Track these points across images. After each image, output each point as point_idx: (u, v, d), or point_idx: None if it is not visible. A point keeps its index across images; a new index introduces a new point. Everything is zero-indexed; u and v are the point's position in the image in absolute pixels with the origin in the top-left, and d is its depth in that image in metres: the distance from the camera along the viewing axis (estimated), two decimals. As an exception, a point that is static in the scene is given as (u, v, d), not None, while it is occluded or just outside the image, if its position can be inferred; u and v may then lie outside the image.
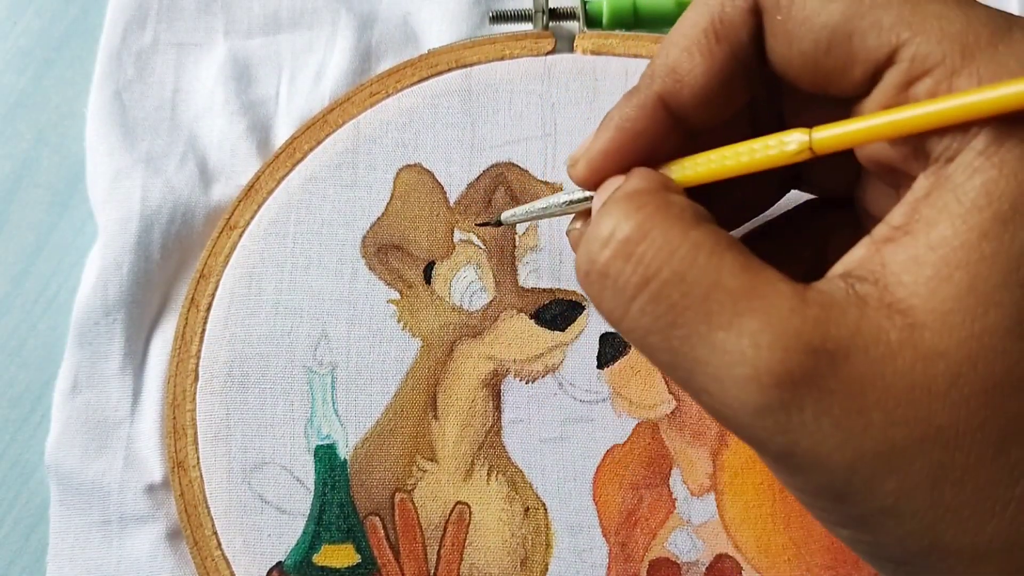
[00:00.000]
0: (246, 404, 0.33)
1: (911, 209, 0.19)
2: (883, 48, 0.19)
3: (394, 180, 0.35)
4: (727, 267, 0.19)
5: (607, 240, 0.20)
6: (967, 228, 0.18)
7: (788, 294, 0.19)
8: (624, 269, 0.20)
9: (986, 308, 0.18)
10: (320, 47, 0.38)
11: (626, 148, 0.23)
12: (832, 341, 0.18)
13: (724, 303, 0.19)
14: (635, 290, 0.20)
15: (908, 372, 0.18)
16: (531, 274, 0.34)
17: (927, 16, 0.19)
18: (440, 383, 0.34)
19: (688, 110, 0.23)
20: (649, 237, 0.20)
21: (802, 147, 0.20)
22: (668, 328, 0.19)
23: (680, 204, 0.21)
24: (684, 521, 0.33)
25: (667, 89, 0.22)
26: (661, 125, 0.23)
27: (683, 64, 0.22)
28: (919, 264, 0.18)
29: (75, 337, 0.34)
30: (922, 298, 0.18)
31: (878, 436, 0.18)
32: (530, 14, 0.37)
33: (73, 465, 0.33)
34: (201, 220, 0.36)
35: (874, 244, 0.19)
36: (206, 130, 0.37)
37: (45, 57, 0.39)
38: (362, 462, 0.33)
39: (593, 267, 0.20)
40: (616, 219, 0.20)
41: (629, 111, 0.23)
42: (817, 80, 0.21)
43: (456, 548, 0.33)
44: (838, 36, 0.20)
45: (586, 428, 0.33)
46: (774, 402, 0.18)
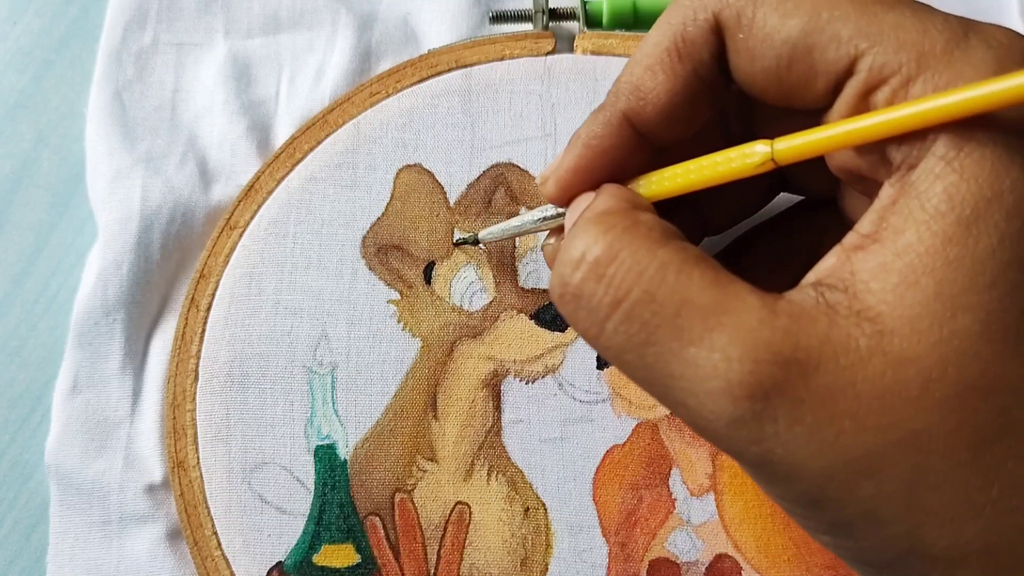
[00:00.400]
0: (246, 404, 0.33)
1: (879, 217, 0.19)
2: (842, 60, 0.20)
3: (394, 180, 0.35)
4: (695, 283, 0.19)
5: (578, 262, 0.21)
6: (931, 234, 0.18)
7: (757, 306, 0.19)
8: (596, 290, 0.20)
9: (953, 312, 0.18)
10: (320, 47, 0.38)
11: (594, 165, 0.24)
12: (802, 351, 0.18)
13: (694, 319, 0.19)
14: (608, 310, 0.20)
15: (878, 378, 0.18)
16: (531, 274, 0.34)
17: (884, 26, 0.19)
18: (440, 383, 0.34)
19: (652, 127, 0.23)
20: (618, 258, 0.20)
21: (764, 158, 0.21)
22: (641, 346, 0.20)
23: (648, 223, 0.21)
24: (684, 521, 0.33)
25: (631, 107, 0.23)
26: (627, 141, 0.23)
27: (646, 83, 0.23)
28: (887, 271, 0.18)
29: (75, 337, 0.34)
30: (890, 305, 0.18)
31: (851, 443, 0.18)
32: (530, 14, 0.37)
33: (73, 465, 0.34)
34: (201, 220, 0.36)
35: (844, 252, 0.20)
36: (206, 130, 0.37)
37: (45, 57, 0.39)
38: (362, 462, 0.33)
39: (567, 289, 0.21)
40: (586, 241, 0.21)
41: (595, 129, 0.24)
42: (781, 94, 0.21)
43: (456, 548, 0.33)
44: (799, 51, 0.20)
45: (586, 428, 0.33)
46: (747, 413, 0.18)
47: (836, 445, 0.18)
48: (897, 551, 0.19)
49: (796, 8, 0.20)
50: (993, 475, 0.18)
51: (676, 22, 0.22)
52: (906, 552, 0.19)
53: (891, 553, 0.19)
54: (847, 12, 0.20)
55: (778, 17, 0.20)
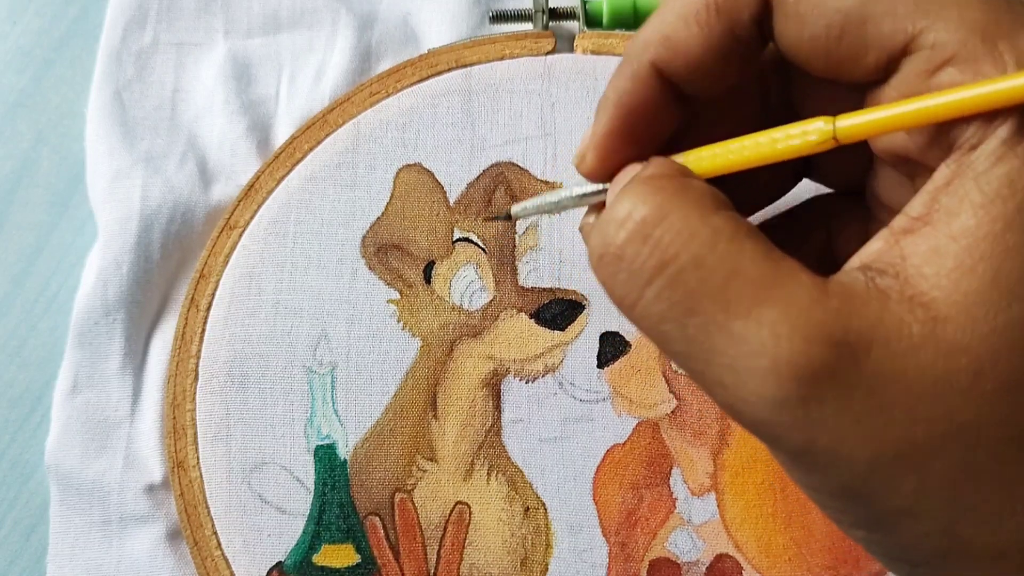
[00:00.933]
0: (246, 404, 0.33)
1: (931, 198, 0.18)
2: (898, 35, 0.19)
3: (394, 180, 0.35)
4: (747, 254, 0.18)
5: (623, 221, 0.19)
6: (990, 219, 0.17)
7: (809, 284, 0.18)
8: (640, 252, 0.19)
9: (1009, 301, 0.17)
10: (320, 47, 0.38)
11: (630, 124, 0.22)
12: (854, 334, 0.17)
13: (744, 291, 0.18)
14: (651, 274, 0.19)
15: (930, 367, 0.17)
16: (531, 273, 0.34)
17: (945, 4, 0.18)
18: (440, 383, 0.34)
19: (682, 79, 0.22)
20: (667, 220, 0.19)
21: (825, 136, 0.20)
22: (684, 315, 0.19)
23: (700, 189, 0.20)
24: (684, 521, 0.33)
25: (660, 57, 0.21)
26: (659, 95, 0.22)
27: (679, 32, 0.21)
28: (940, 255, 0.18)
29: (75, 337, 0.34)
30: (944, 291, 0.17)
31: (900, 433, 0.17)
32: (530, 14, 0.37)
33: (73, 465, 0.33)
34: (201, 220, 0.36)
35: (893, 235, 0.19)
36: (206, 130, 0.37)
37: (45, 57, 0.39)
38: (362, 462, 0.33)
39: (608, 249, 0.20)
40: (633, 201, 0.19)
41: (623, 83, 0.22)
42: (828, 65, 0.20)
43: (456, 548, 0.33)
44: (851, 21, 0.19)
45: (586, 428, 0.33)
46: (793, 396, 0.18)
47: (884, 435, 0.18)
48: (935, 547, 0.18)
49: None
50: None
51: None
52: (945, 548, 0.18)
53: (929, 549, 0.19)
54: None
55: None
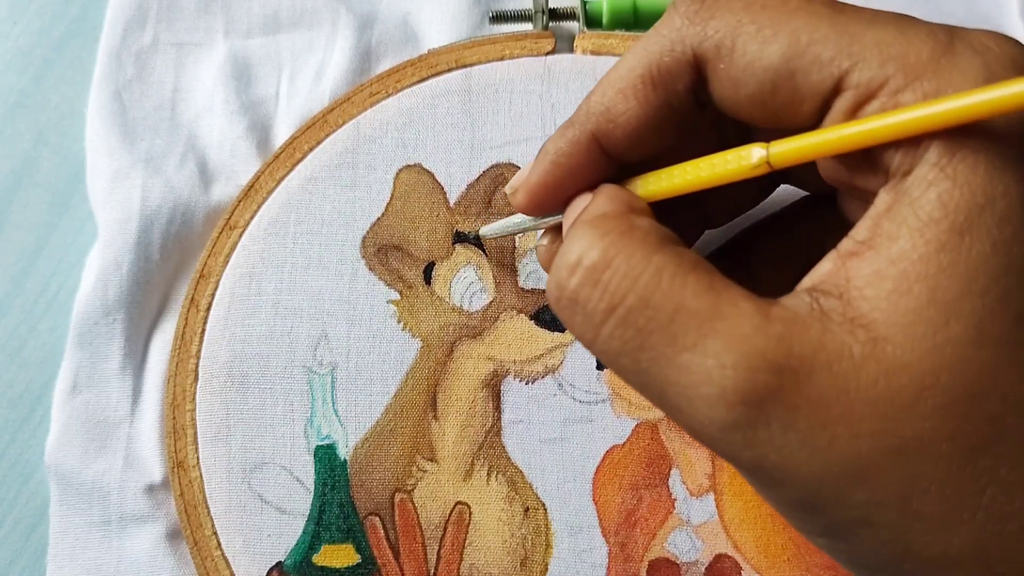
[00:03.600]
0: (246, 404, 0.33)
1: (873, 223, 0.19)
2: (827, 81, 0.20)
3: (394, 180, 0.35)
4: (690, 289, 0.20)
5: (574, 267, 0.21)
6: (924, 241, 0.18)
7: (751, 312, 0.19)
8: (592, 296, 0.21)
9: (947, 319, 0.18)
10: (320, 47, 0.38)
11: (561, 181, 0.24)
12: (795, 358, 0.18)
13: (688, 325, 0.19)
14: (603, 316, 0.20)
15: (872, 386, 0.18)
16: (531, 275, 0.34)
17: (866, 43, 0.19)
18: (440, 383, 0.34)
19: (620, 148, 0.23)
20: (614, 264, 0.20)
21: (760, 162, 0.21)
22: (636, 351, 0.20)
23: (644, 228, 0.21)
24: (683, 521, 0.33)
25: (600, 128, 0.23)
26: (594, 159, 0.24)
27: (618, 106, 0.23)
28: (881, 278, 0.18)
29: (75, 337, 0.34)
30: (884, 312, 0.18)
31: (844, 449, 0.18)
32: (530, 14, 0.37)
33: (73, 465, 0.34)
34: (201, 220, 0.36)
35: (840, 258, 0.20)
36: (206, 130, 0.37)
37: (45, 57, 0.39)
38: (362, 462, 0.33)
39: (563, 294, 0.21)
40: (582, 246, 0.21)
41: (563, 146, 0.24)
42: (768, 117, 0.22)
43: (456, 548, 0.33)
44: (781, 76, 0.20)
45: (586, 429, 0.33)
46: (741, 419, 0.19)
47: (829, 451, 0.18)
48: (890, 555, 0.19)
49: (775, 35, 0.20)
50: (985, 481, 0.18)
51: (653, 50, 0.22)
52: (900, 556, 0.19)
53: (884, 557, 0.19)
54: (827, 34, 0.20)
55: (758, 45, 0.21)
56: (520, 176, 0.25)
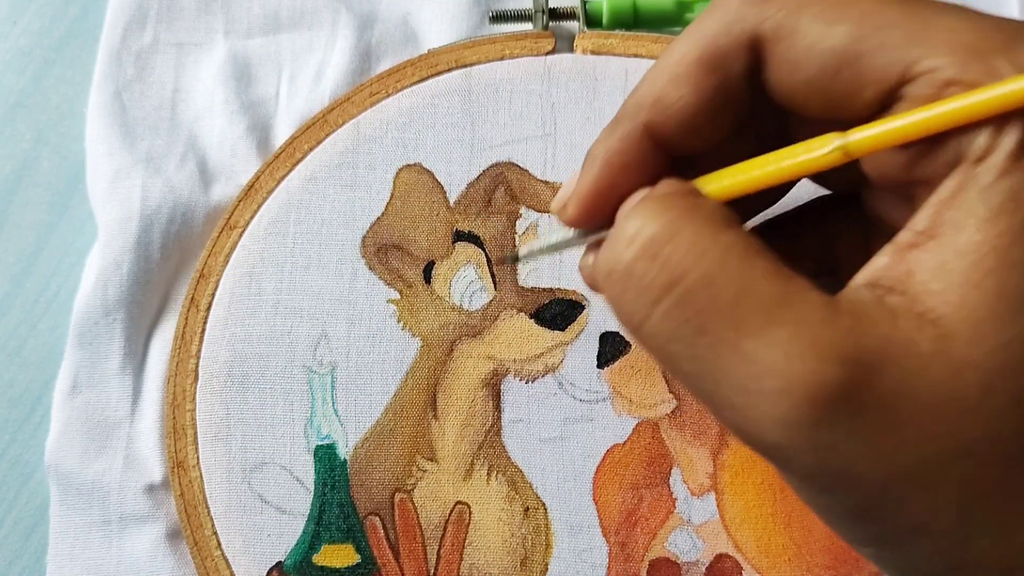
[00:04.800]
0: (246, 404, 0.33)
1: (935, 212, 0.18)
2: (894, 67, 0.19)
3: (394, 180, 0.35)
4: (759, 273, 0.18)
5: (632, 238, 0.19)
6: (996, 233, 0.17)
7: (819, 304, 0.18)
8: (649, 269, 0.19)
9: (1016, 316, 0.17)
10: (320, 47, 0.38)
11: (616, 183, 0.22)
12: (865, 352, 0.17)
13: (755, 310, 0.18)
14: (660, 292, 0.19)
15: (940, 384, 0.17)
16: (531, 273, 0.34)
17: (936, 30, 0.19)
18: (440, 383, 0.34)
19: (675, 140, 0.22)
20: (677, 237, 0.19)
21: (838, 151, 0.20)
22: (693, 335, 0.19)
23: (710, 207, 0.20)
24: (684, 521, 0.33)
25: (653, 120, 0.22)
26: (648, 155, 0.22)
27: (670, 94, 0.21)
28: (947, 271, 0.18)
29: (75, 337, 0.34)
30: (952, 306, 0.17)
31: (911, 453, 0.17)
32: (530, 14, 0.37)
33: (73, 465, 0.33)
34: (201, 220, 0.36)
35: (898, 251, 0.19)
36: (206, 130, 0.37)
37: (45, 57, 0.39)
38: (362, 462, 0.33)
39: (616, 267, 0.20)
40: (643, 219, 0.19)
41: (615, 144, 0.22)
42: (825, 105, 0.21)
43: (456, 548, 0.33)
44: (845, 60, 0.19)
45: (586, 428, 0.33)
46: (805, 417, 0.17)
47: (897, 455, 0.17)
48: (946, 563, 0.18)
49: (841, 16, 0.19)
50: None
51: (708, 33, 0.21)
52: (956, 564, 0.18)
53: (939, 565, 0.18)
54: (895, 19, 0.19)
55: (823, 25, 0.20)
56: (567, 189, 0.23)
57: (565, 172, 0.35)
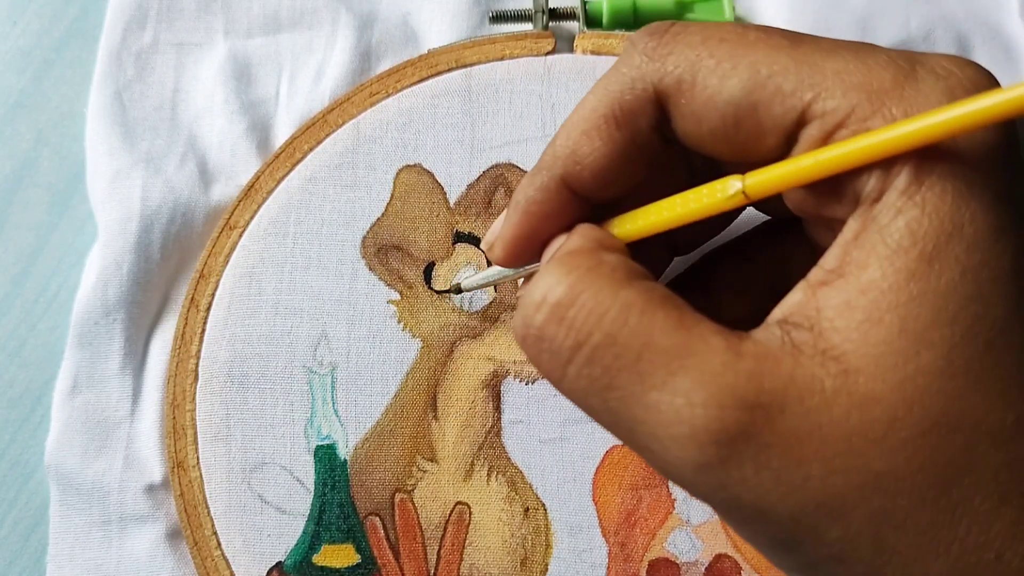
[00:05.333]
0: (246, 404, 0.33)
1: (842, 252, 0.19)
2: (790, 113, 0.20)
3: (394, 180, 0.35)
4: (658, 326, 0.19)
5: (540, 304, 0.20)
6: (895, 270, 0.18)
7: (721, 349, 0.19)
8: (557, 333, 0.20)
9: (918, 349, 0.18)
10: (320, 47, 0.38)
11: (535, 228, 0.24)
12: (766, 394, 0.18)
13: (656, 363, 0.19)
14: (569, 354, 0.20)
15: (844, 420, 0.18)
16: (531, 274, 0.34)
17: (826, 73, 0.19)
18: (440, 384, 0.34)
19: (590, 190, 0.23)
20: (579, 300, 0.20)
21: (736, 193, 0.21)
22: (604, 390, 0.20)
23: (612, 263, 0.21)
24: (683, 521, 0.33)
25: (568, 172, 0.23)
26: (566, 203, 0.23)
27: (583, 147, 0.22)
28: (851, 308, 0.18)
29: (75, 337, 0.34)
30: (855, 343, 0.18)
31: (818, 487, 0.18)
32: (530, 14, 0.37)
33: (73, 465, 0.34)
34: (201, 220, 0.36)
35: (810, 288, 0.19)
36: (206, 130, 0.37)
37: (45, 57, 0.39)
38: (362, 462, 0.33)
39: (528, 331, 0.21)
40: (548, 283, 0.20)
41: (533, 193, 0.23)
42: (732, 151, 0.21)
43: (456, 548, 0.33)
44: (743, 110, 0.20)
45: (586, 429, 0.33)
46: (713, 459, 0.18)
47: (803, 489, 0.18)
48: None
49: (734, 68, 0.20)
50: (960, 512, 0.18)
51: (614, 89, 0.22)
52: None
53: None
54: (786, 65, 0.20)
55: (717, 79, 0.20)
56: (494, 230, 0.25)
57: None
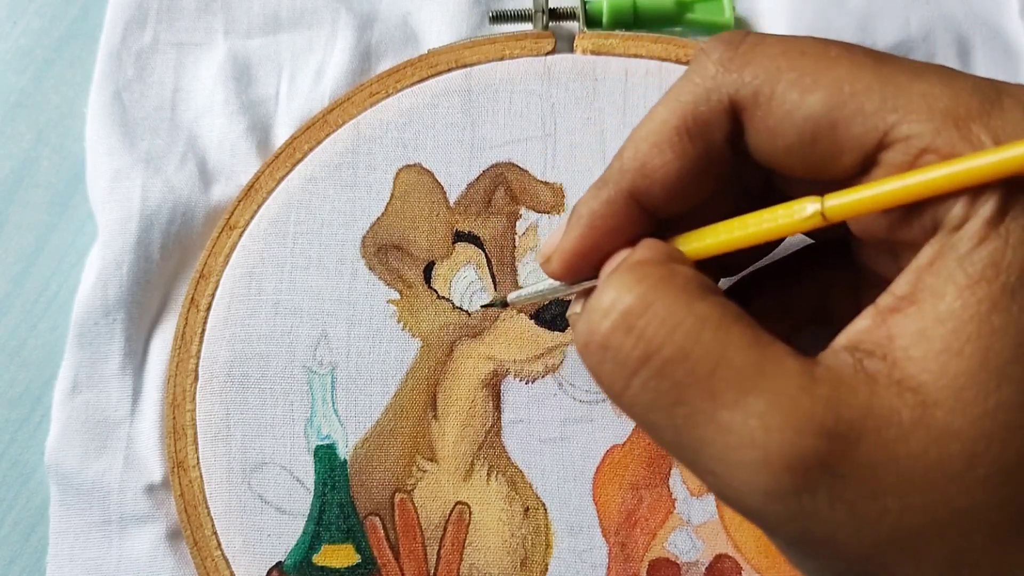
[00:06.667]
0: (246, 404, 0.33)
1: (916, 278, 0.18)
2: (871, 134, 0.19)
3: (394, 180, 0.35)
4: (734, 342, 0.18)
5: (607, 311, 0.19)
6: (975, 300, 0.17)
7: (797, 372, 0.18)
8: (625, 342, 0.19)
9: (999, 383, 0.17)
10: (320, 47, 0.38)
11: (598, 242, 0.23)
12: (844, 423, 0.17)
13: (731, 381, 0.18)
14: (636, 365, 0.19)
15: (922, 454, 0.17)
16: (531, 274, 0.34)
17: (912, 96, 0.19)
18: (440, 383, 0.34)
19: (658, 204, 0.22)
20: (651, 309, 0.19)
21: (814, 215, 0.20)
22: (671, 406, 0.19)
23: (685, 275, 0.20)
24: (684, 521, 0.33)
25: (637, 185, 0.22)
26: (632, 218, 0.23)
27: (653, 160, 0.22)
28: (928, 338, 0.18)
29: (75, 337, 0.34)
30: (933, 374, 0.17)
31: (894, 522, 0.17)
32: (530, 14, 0.37)
33: (73, 465, 0.33)
34: (201, 220, 0.36)
35: (880, 314, 0.19)
36: (206, 130, 0.37)
37: (45, 57, 0.39)
38: (362, 462, 0.33)
39: (592, 338, 0.20)
40: (618, 290, 0.20)
41: (598, 207, 0.23)
42: (805, 168, 0.21)
43: (456, 548, 0.33)
44: (822, 128, 0.20)
45: (586, 428, 0.33)
46: (786, 487, 0.17)
47: (879, 524, 0.17)
48: None
49: (816, 83, 0.19)
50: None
51: (687, 100, 0.21)
52: None
53: None
54: (870, 84, 0.19)
55: (798, 94, 0.20)
56: (552, 242, 0.24)
57: (565, 172, 0.35)
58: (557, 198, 0.35)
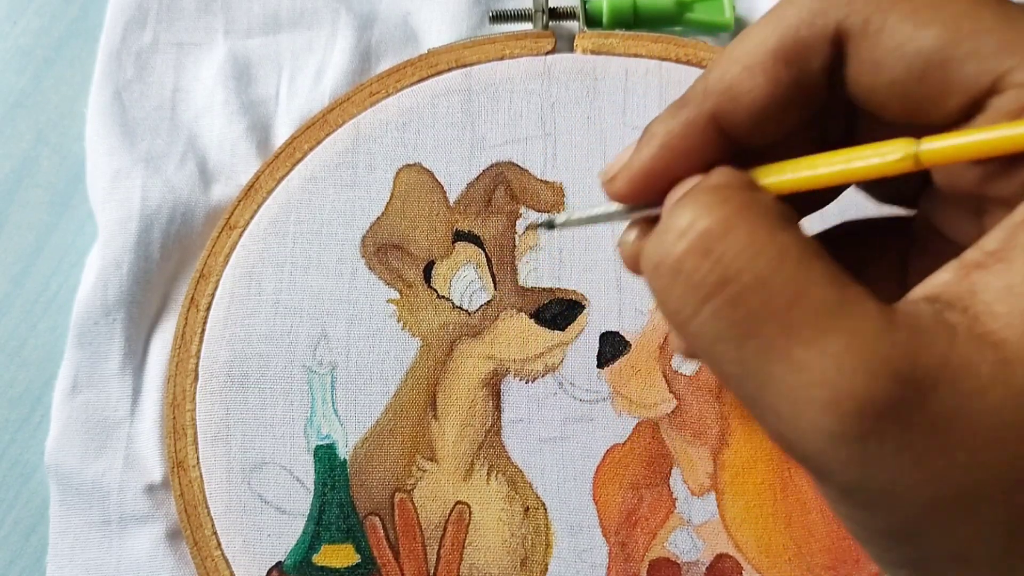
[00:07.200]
0: (246, 404, 0.33)
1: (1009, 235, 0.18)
2: (984, 76, 0.18)
3: (394, 180, 0.35)
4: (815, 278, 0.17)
5: (684, 232, 0.18)
6: None
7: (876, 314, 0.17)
8: (701, 266, 0.18)
9: None
10: (320, 47, 0.38)
11: (670, 165, 0.21)
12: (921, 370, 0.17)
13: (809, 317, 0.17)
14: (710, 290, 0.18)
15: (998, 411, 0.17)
16: (531, 273, 0.34)
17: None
18: (440, 383, 0.34)
19: (741, 131, 0.21)
20: (732, 234, 0.18)
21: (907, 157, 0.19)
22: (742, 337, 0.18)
23: (768, 203, 0.19)
24: (684, 521, 0.33)
25: (721, 108, 0.21)
26: (709, 143, 0.21)
27: (743, 83, 0.20)
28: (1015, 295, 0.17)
29: (75, 337, 0.34)
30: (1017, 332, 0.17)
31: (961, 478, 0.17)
32: (530, 14, 0.37)
33: (73, 465, 0.33)
34: (201, 220, 0.36)
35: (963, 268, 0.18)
36: (206, 130, 0.37)
37: (45, 57, 0.39)
38: (362, 462, 0.33)
39: (665, 260, 0.19)
40: (696, 211, 0.18)
41: (676, 127, 0.21)
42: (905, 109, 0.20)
43: (456, 548, 0.33)
44: (932, 65, 0.18)
45: (586, 428, 0.33)
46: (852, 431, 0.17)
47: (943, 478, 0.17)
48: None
49: (932, 18, 0.18)
50: None
51: (790, 22, 0.20)
52: None
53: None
54: (991, 25, 0.18)
55: (912, 26, 0.19)
56: (619, 161, 0.22)
57: (565, 171, 0.35)
58: (557, 197, 0.35)
